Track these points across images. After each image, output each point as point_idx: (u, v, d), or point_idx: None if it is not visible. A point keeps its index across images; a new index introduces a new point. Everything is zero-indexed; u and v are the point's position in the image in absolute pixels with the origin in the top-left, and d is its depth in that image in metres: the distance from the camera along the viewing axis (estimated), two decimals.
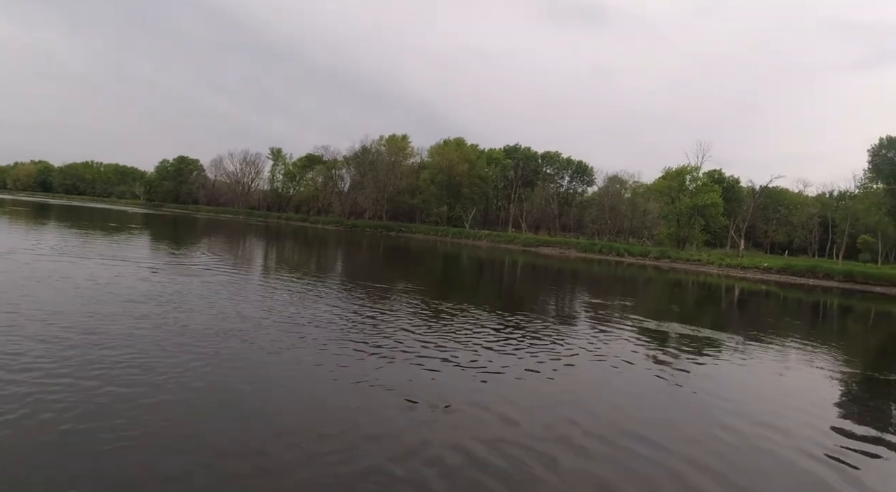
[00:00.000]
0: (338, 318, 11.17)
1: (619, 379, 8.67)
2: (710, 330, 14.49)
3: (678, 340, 12.55)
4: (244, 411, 5.71)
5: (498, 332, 11.29)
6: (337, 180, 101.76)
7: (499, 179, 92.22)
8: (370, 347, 8.84)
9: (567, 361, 9.43)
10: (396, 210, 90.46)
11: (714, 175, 72.69)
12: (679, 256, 54.41)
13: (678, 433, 6.33)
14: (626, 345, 11.32)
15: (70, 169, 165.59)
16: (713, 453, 5.79)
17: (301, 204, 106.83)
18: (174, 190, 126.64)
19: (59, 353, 6.84)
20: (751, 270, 46.80)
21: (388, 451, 5.04)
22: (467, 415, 6.29)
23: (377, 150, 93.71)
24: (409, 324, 11.24)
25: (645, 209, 75.07)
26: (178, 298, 11.45)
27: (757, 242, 78.96)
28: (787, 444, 6.27)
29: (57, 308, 9.32)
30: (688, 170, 63.92)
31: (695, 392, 8.28)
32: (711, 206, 60.66)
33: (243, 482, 4.26)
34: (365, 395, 6.57)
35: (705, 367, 10.05)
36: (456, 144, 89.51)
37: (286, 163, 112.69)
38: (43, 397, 5.39)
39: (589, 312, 16.37)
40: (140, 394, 5.77)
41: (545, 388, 7.71)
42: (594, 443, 5.79)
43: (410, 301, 14.55)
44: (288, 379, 6.96)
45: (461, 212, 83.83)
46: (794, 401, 8.38)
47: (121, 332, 8.19)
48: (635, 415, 6.89)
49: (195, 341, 8.08)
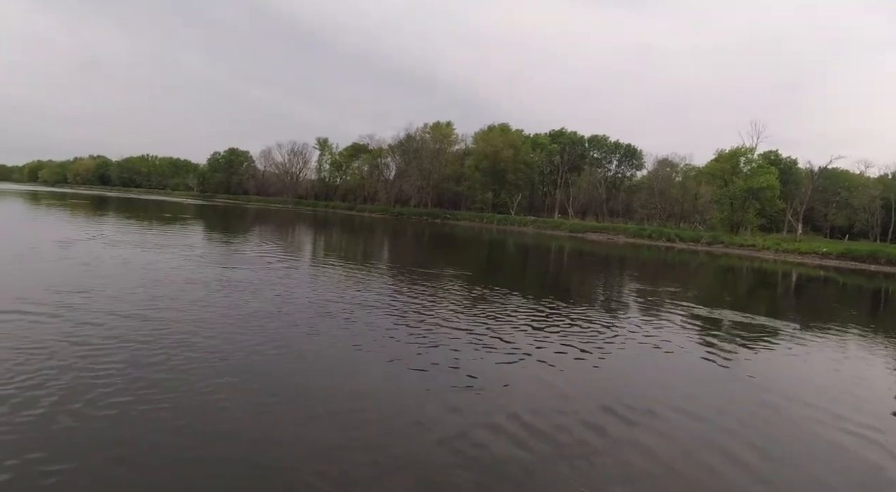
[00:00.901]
0: (388, 301, 11.41)
1: (667, 363, 8.62)
2: (765, 317, 14.12)
3: (730, 327, 12.30)
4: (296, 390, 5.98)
5: (544, 317, 11.31)
6: (382, 169, 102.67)
7: (544, 164, 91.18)
8: (420, 329, 9.04)
9: (614, 345, 9.42)
10: (441, 197, 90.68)
11: (770, 156, 70.01)
12: (732, 241, 52.81)
13: (725, 412, 6.30)
14: (675, 331, 11.18)
15: (127, 163, 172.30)
16: (756, 429, 5.88)
17: (347, 193, 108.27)
18: (225, 181, 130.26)
19: (147, 329, 7.32)
20: (808, 256, 45.08)
21: (454, 423, 5.33)
22: (521, 391, 6.64)
23: (421, 137, 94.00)
24: (456, 308, 11.39)
25: (697, 193, 72.91)
26: (235, 284, 11.91)
27: (815, 227, 75.78)
28: (836, 426, 6.18)
29: (119, 292, 9.87)
30: (742, 151, 61.73)
31: (749, 376, 8.15)
32: (767, 188, 58.40)
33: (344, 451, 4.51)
34: (422, 375, 6.76)
35: (758, 353, 9.85)
36: (500, 129, 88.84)
37: (332, 152, 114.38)
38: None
39: (638, 299, 16.16)
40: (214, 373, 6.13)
41: (592, 371, 7.76)
42: (639, 416, 6.03)
43: (457, 286, 14.68)
44: (341, 358, 7.22)
45: (506, 198, 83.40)
46: (850, 389, 8.14)
47: (201, 318, 8.64)
48: (682, 393, 6.88)
49: (248, 324, 8.44)
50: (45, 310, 8.38)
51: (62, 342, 6.88)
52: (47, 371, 5.86)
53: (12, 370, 5.79)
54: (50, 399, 5.18)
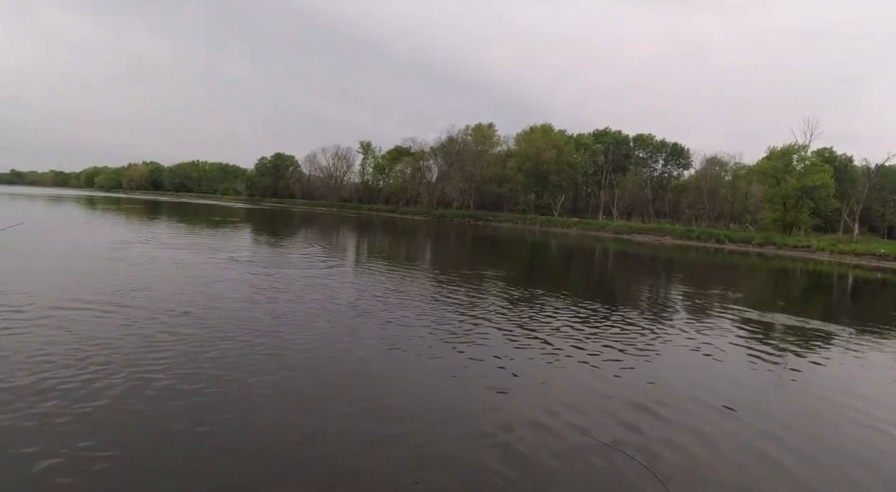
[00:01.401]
0: (429, 301, 11.54)
1: (712, 366, 8.47)
2: (819, 321, 13.68)
3: (783, 332, 11.98)
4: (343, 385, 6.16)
5: (586, 318, 11.25)
6: (424, 171, 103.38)
7: (588, 164, 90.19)
8: (461, 328, 9.13)
9: (657, 347, 9.32)
10: (483, 199, 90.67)
11: (824, 154, 67.60)
12: (785, 242, 51.12)
13: (768, 416, 6.15)
14: (723, 334, 10.95)
15: (178, 168, 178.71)
16: (801, 435, 5.78)
17: (390, 195, 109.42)
18: (272, 185, 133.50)
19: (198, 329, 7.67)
20: (866, 257, 43.29)
21: (493, 419, 5.38)
22: (560, 389, 6.69)
23: (463, 139, 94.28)
24: (497, 308, 11.44)
25: (747, 193, 70.82)
26: (282, 285, 12.26)
27: (873, 227, 72.53)
28: (887, 436, 5.96)
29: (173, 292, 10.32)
30: (794, 149, 59.68)
31: (798, 381, 7.95)
32: (821, 187, 56.25)
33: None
34: (461, 372, 6.86)
35: (811, 359, 9.56)
36: (542, 130, 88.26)
37: (375, 156, 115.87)
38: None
39: (684, 301, 15.87)
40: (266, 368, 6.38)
41: (632, 371, 7.69)
42: (677, 416, 5.97)
43: (498, 287, 14.70)
44: (383, 356, 7.37)
45: (549, 199, 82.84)
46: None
47: (251, 317, 8.96)
48: (725, 396, 6.76)
49: (293, 322, 8.68)
50: (103, 307, 8.90)
51: (120, 337, 7.31)
52: (104, 365, 6.24)
53: (72, 365, 6.18)
54: (110, 391, 5.51)
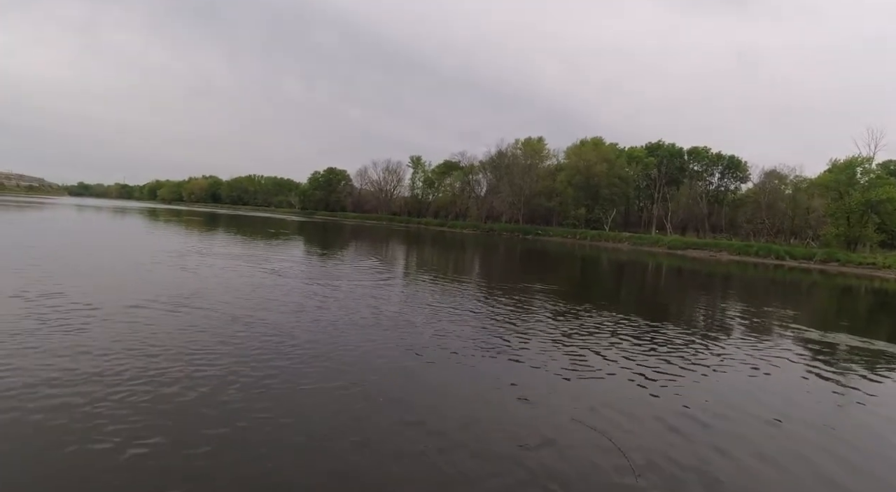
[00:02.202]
0: (479, 316, 11.68)
1: (767, 385, 8.27)
2: (886, 342, 13.12)
3: (846, 352, 11.56)
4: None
5: (640, 337, 11.14)
6: (473, 185, 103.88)
7: (640, 178, 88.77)
8: (510, 347, 9.22)
9: (714, 368, 9.15)
10: (533, 213, 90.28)
11: (890, 166, 64.67)
12: (849, 258, 48.91)
13: (823, 433, 6.00)
14: (781, 353, 10.66)
15: (236, 182, 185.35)
16: (857, 454, 5.51)
17: (439, 209, 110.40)
18: (324, 198, 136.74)
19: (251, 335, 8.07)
20: None
21: (530, 430, 5.46)
22: (606, 400, 6.57)
23: (513, 153, 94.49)
24: (546, 325, 11.45)
25: (808, 207, 68.19)
26: (335, 295, 12.64)
27: None
28: None
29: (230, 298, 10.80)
30: (858, 161, 57.31)
31: (859, 403, 7.69)
32: (887, 201, 53.70)
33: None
34: (498, 382, 6.97)
35: (874, 381, 9.21)
36: (593, 143, 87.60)
37: (425, 170, 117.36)
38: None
39: (741, 320, 15.46)
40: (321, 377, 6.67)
41: (687, 391, 7.60)
42: (727, 432, 5.77)
43: (548, 303, 14.69)
44: (430, 366, 7.55)
45: (600, 213, 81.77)
46: None
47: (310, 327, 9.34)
48: (778, 413, 6.62)
49: (343, 331, 8.97)
50: (163, 308, 9.47)
51: (177, 336, 7.79)
52: (161, 361, 6.72)
53: (124, 364, 6.61)
54: (170, 388, 5.88)
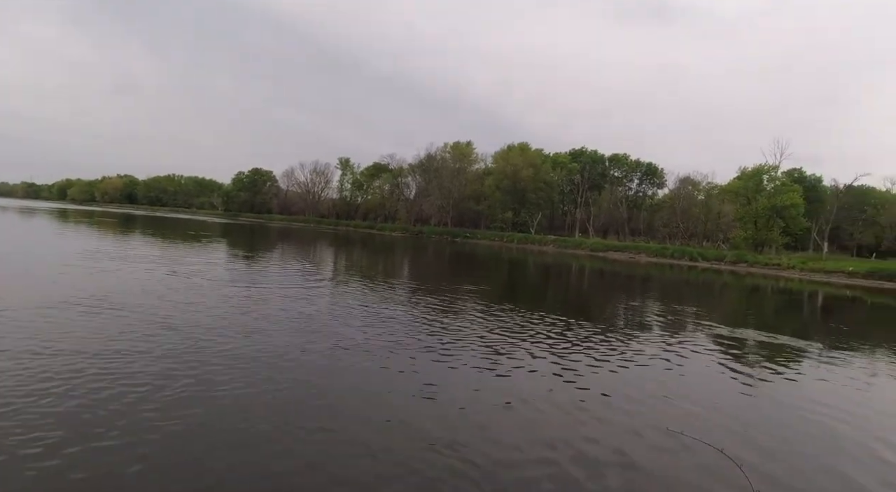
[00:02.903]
0: (408, 320, 11.50)
1: (681, 380, 8.54)
2: (789, 337, 13.92)
3: (752, 347, 12.17)
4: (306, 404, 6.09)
5: (563, 335, 11.30)
6: (403, 188, 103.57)
7: (565, 183, 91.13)
8: (438, 350, 9.10)
9: (631, 363, 9.40)
10: (461, 216, 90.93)
11: (794, 174, 69.30)
12: (757, 260, 52.08)
13: (731, 429, 6.23)
14: (694, 349, 11.09)
15: (154, 182, 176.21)
16: (766, 448, 5.72)
17: (368, 212, 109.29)
18: (249, 200, 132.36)
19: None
20: (835, 275, 44.24)
21: (445, 430, 5.34)
22: (520, 403, 6.54)
23: (442, 157, 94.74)
24: (475, 327, 11.42)
25: (720, 212, 72.15)
26: (259, 299, 12.12)
27: (842, 245, 74.21)
28: (852, 450, 6.06)
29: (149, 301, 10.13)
30: (765, 169, 61.17)
31: (765, 394, 8.06)
32: (791, 207, 57.65)
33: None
34: (441, 394, 6.83)
35: (779, 374, 9.71)
36: (520, 149, 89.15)
37: (354, 172, 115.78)
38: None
39: (659, 318, 16.03)
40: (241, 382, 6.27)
41: (599, 384, 7.73)
42: (645, 430, 5.84)
43: (476, 304, 14.70)
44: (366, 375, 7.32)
45: (526, 217, 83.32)
46: (874, 412, 8.01)
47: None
48: (689, 411, 6.81)
49: (265, 339, 8.58)
50: (75, 311, 8.70)
51: (90, 339, 7.14)
52: (73, 362, 6.13)
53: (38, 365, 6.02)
54: (85, 387, 5.37)
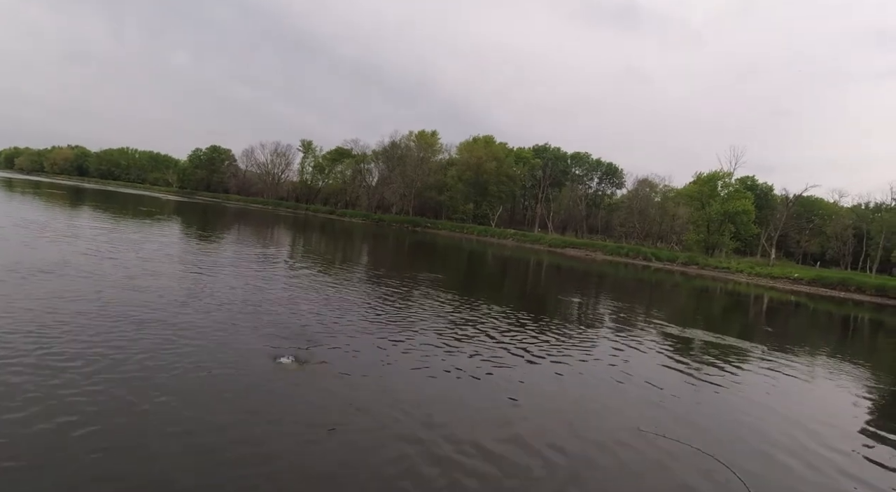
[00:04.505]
0: (363, 308, 11.29)
1: (626, 378, 8.59)
2: (735, 338, 14.25)
3: (700, 347, 12.39)
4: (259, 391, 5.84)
5: (516, 330, 11.27)
6: (365, 174, 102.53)
7: (527, 178, 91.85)
8: (390, 340, 8.93)
9: (582, 359, 9.43)
10: (423, 206, 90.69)
11: (747, 182, 71.41)
12: (707, 262, 53.53)
13: (694, 433, 6.28)
14: (644, 348, 11.21)
15: (106, 154, 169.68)
16: (718, 444, 5.77)
17: (329, 196, 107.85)
18: (206, 178, 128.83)
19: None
20: (781, 280, 45.82)
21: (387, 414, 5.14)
22: (477, 409, 6.44)
23: (406, 145, 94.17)
24: (427, 318, 11.30)
25: (674, 214, 73.94)
26: (209, 282, 11.70)
27: (788, 252, 77.10)
28: (793, 449, 6.18)
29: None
30: (720, 175, 62.87)
31: (711, 388, 8.17)
32: (743, 213, 59.53)
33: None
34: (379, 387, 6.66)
35: (724, 374, 9.88)
36: (485, 141, 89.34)
37: (316, 155, 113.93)
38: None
39: (612, 315, 16.22)
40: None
41: (551, 385, 7.71)
42: (585, 429, 5.82)
43: (431, 297, 14.58)
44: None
45: (487, 210, 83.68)
46: (814, 413, 8.22)
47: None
48: (632, 414, 6.84)
49: (213, 320, 8.24)
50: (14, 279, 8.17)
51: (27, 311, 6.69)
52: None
53: None
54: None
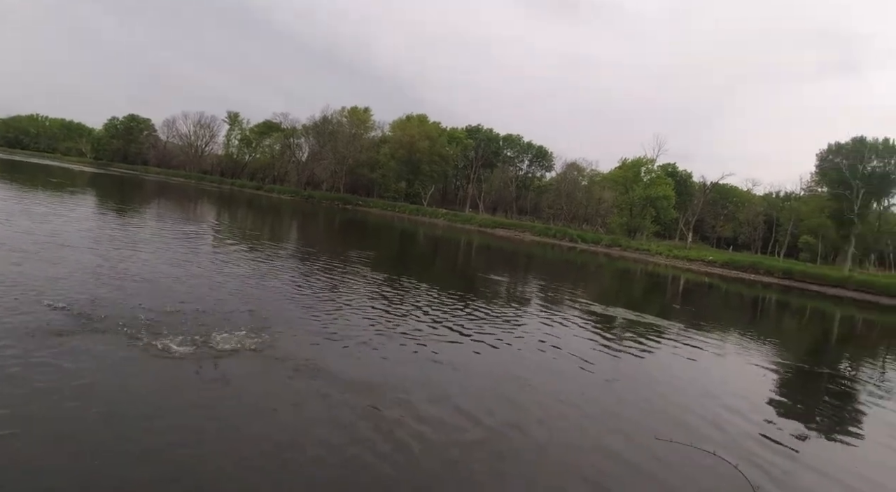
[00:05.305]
0: (289, 288, 11.04)
1: (554, 357, 8.85)
2: (654, 317, 14.94)
3: (622, 325, 12.91)
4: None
5: (447, 308, 11.35)
6: (295, 149, 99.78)
7: (459, 158, 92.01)
8: (318, 318, 8.79)
9: (512, 335, 9.63)
10: (354, 183, 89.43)
11: (668, 168, 74.46)
12: (629, 244, 55.75)
13: (603, 410, 6.56)
14: (570, 326, 11.58)
15: (13, 121, 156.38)
16: (629, 423, 6.06)
17: (256, 171, 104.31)
18: (123, 149, 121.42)
19: None
20: (696, 263, 48.35)
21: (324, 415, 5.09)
22: (412, 382, 6.43)
23: (338, 121, 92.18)
24: (357, 297, 11.19)
25: (600, 198, 76.27)
26: (124, 259, 11.09)
27: (704, 236, 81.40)
28: (704, 417, 6.58)
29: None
30: (643, 162, 65.24)
31: (631, 361, 8.56)
32: (663, 198, 62.25)
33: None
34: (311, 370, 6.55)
35: (643, 349, 10.36)
36: (418, 120, 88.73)
37: (243, 128, 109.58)
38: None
39: (540, 294, 16.63)
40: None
41: (484, 359, 7.84)
42: (500, 404, 5.97)
43: (362, 275, 14.46)
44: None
45: (420, 189, 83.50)
46: (725, 388, 8.77)
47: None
48: (558, 394, 7.07)
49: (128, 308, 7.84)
50: None
51: None
52: None
53: None
54: None
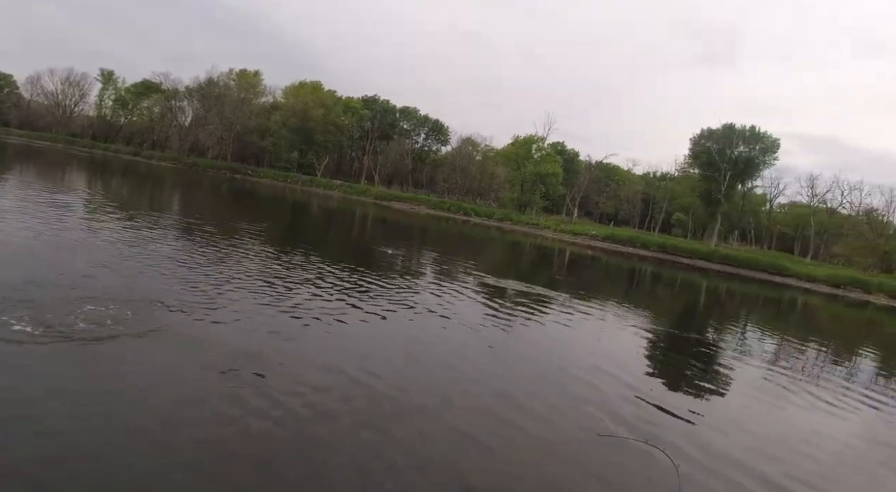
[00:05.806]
0: (171, 261, 10.56)
1: (443, 326, 9.23)
2: (543, 287, 15.79)
3: (514, 294, 13.56)
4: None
5: (341, 281, 11.38)
6: (177, 113, 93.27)
7: (355, 129, 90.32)
8: (206, 294, 8.54)
9: (407, 306, 9.90)
10: (244, 151, 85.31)
11: (557, 147, 77.55)
12: (520, 219, 57.84)
13: (479, 365, 7.00)
14: (461, 297, 12.03)
15: None
16: (520, 389, 6.52)
17: (133, 135, 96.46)
18: None
19: None
20: (581, 237, 51.11)
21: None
22: (273, 347, 6.49)
23: (225, 84, 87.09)
24: (243, 270, 10.91)
25: (493, 173, 78.11)
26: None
27: (588, 212, 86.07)
28: (585, 378, 7.21)
29: None
30: (534, 139, 67.53)
31: (520, 328, 9.10)
32: (552, 175, 65.00)
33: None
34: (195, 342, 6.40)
35: (532, 317, 11.03)
36: (312, 87, 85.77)
37: (118, 88, 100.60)
38: None
39: (434, 267, 17.02)
40: None
41: (380, 330, 8.04)
42: (393, 373, 6.25)
43: (251, 248, 14.06)
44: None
45: (313, 159, 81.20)
46: (606, 351, 9.57)
47: None
48: (448, 351, 7.45)
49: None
50: None
51: None
52: None
53: None
54: None
